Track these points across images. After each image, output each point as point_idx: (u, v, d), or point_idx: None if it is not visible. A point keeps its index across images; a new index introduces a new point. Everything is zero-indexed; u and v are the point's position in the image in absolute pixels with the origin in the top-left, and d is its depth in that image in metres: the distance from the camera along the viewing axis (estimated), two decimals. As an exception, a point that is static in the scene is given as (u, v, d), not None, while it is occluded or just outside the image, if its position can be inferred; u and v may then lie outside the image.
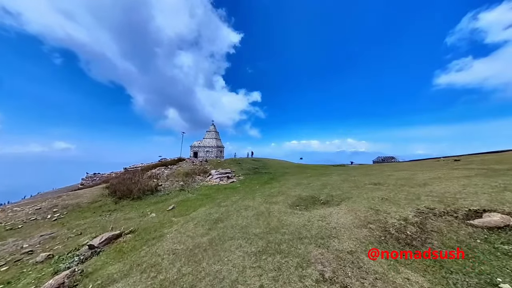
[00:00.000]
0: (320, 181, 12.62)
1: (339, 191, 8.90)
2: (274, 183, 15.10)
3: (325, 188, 10.15)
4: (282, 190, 10.93)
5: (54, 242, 7.07)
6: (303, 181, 13.97)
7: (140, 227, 7.50)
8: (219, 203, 9.74)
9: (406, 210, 5.14)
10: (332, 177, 14.48)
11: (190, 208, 9.81)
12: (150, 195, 13.14)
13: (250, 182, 16.87)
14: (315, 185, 11.51)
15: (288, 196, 9.28)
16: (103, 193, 12.99)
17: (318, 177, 15.71)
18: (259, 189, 12.88)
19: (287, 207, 7.64)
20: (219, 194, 12.54)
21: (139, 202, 12.03)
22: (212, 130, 43.81)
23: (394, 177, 10.37)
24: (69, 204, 11.12)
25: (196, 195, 12.73)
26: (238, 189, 13.89)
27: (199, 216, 7.85)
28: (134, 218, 9.30)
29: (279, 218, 6.22)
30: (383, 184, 9.09)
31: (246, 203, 9.02)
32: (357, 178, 11.95)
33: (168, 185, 15.78)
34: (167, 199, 12.25)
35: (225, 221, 6.75)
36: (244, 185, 15.81)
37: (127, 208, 11.04)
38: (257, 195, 10.75)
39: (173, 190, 14.48)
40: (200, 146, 41.68)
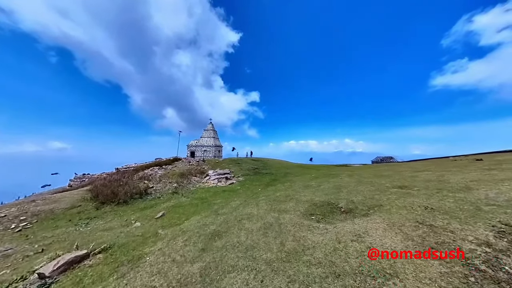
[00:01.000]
0: (331, 183, 11.18)
1: (360, 195, 7.45)
2: (278, 185, 13.63)
3: (340, 191, 8.71)
4: (289, 194, 9.46)
5: (3, 264, 5.51)
6: (311, 182, 12.52)
7: (117, 243, 5.97)
8: (216, 210, 8.24)
9: (476, 227, 3.70)
10: (342, 178, 13.06)
11: (182, 216, 8.29)
12: (139, 199, 11.60)
13: (251, 184, 15.39)
14: (326, 187, 10.06)
15: (298, 202, 7.81)
16: (85, 197, 11.41)
17: (326, 178, 14.27)
18: (262, 192, 11.40)
19: (300, 217, 6.17)
20: (217, 198, 11.04)
21: (124, 207, 10.48)
22: (210, 129, 42.24)
23: (419, 179, 8.95)
24: (41, 210, 9.54)
25: (190, 199, 11.21)
26: (238, 192, 12.40)
27: (191, 227, 6.35)
28: (114, 228, 7.76)
29: (295, 234, 4.74)
30: (411, 187, 7.67)
31: (249, 210, 7.54)
32: (374, 180, 10.52)
33: (160, 187, 14.23)
34: (157, 204, 10.72)
35: (224, 236, 5.26)
36: (244, 187, 14.32)
37: (109, 215, 9.49)
38: (261, 199, 9.27)
39: (165, 193, 12.94)
40: (197, 145, 40.08)
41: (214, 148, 39.95)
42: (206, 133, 41.91)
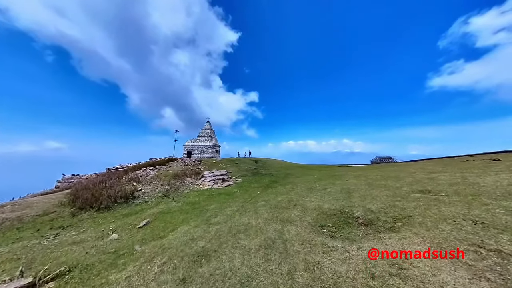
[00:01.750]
0: (337, 186, 10.04)
1: (378, 202, 6.31)
2: (279, 188, 12.47)
3: (351, 196, 7.56)
4: (292, 199, 8.30)
5: None
6: (315, 185, 11.38)
7: (82, 264, 4.75)
8: (208, 219, 7.04)
9: None
10: (348, 180, 11.93)
11: (168, 226, 7.09)
12: (124, 203, 10.36)
13: (250, 186, 14.21)
14: (333, 191, 8.92)
15: (304, 209, 6.65)
16: (63, 202, 10.16)
17: (330, 179, 13.14)
18: (261, 196, 10.24)
19: (309, 230, 5.01)
20: (211, 202, 9.84)
21: (106, 213, 9.24)
22: (207, 128, 40.99)
23: (441, 182, 7.84)
24: (7, 218, 8.27)
25: (181, 204, 10.00)
26: (235, 196, 11.22)
27: (175, 242, 5.15)
28: (86, 240, 6.53)
29: (306, 258, 3.58)
30: (436, 192, 6.54)
31: (246, 219, 6.36)
32: (386, 182, 9.40)
33: (150, 189, 12.98)
34: (143, 210, 9.49)
35: (213, 258, 4.07)
36: (242, 189, 13.14)
37: (86, 223, 8.25)
38: (260, 205, 8.11)
39: (154, 197, 11.70)
40: (194, 145, 38.81)
41: (212, 147, 38.71)
42: (203, 132, 40.66)
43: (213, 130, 42.48)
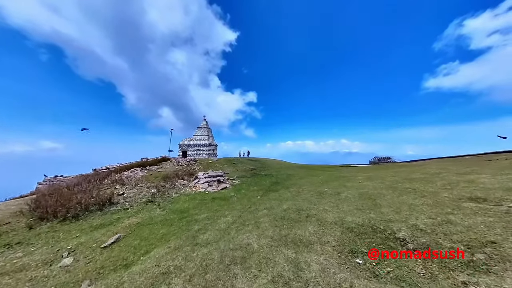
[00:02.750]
0: (352, 190, 8.46)
1: (422, 215, 4.70)
2: (282, 191, 10.85)
3: (377, 205, 5.96)
4: (302, 207, 6.67)
5: None
6: (323, 188, 9.78)
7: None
8: (195, 235, 5.38)
9: None
10: (362, 182, 10.36)
11: (141, 245, 5.40)
12: (98, 211, 8.63)
13: (248, 189, 12.56)
14: (350, 197, 7.32)
15: (322, 224, 5.02)
16: (22, 210, 8.42)
17: (339, 181, 11.56)
18: (263, 201, 8.62)
19: (338, 261, 3.39)
20: (202, 210, 8.17)
21: (71, 225, 7.52)
22: (203, 126, 39.22)
23: (489, 186, 6.26)
24: None
25: (166, 212, 8.30)
26: (231, 201, 9.56)
27: (139, 281, 3.50)
28: (26, 268, 4.83)
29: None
30: (496, 200, 4.97)
31: (245, 238, 4.71)
32: (412, 185, 7.81)
33: (134, 194, 11.25)
34: (119, 220, 7.78)
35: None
36: (240, 193, 11.48)
37: (40, 239, 6.52)
38: (262, 214, 6.47)
39: (137, 202, 9.98)
40: (190, 144, 37.02)
41: (208, 147, 36.96)
42: (199, 131, 38.88)
43: (210, 129, 40.74)
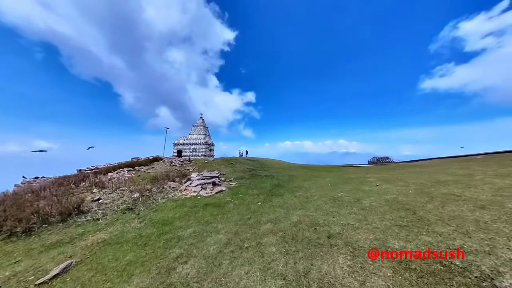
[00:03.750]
0: (374, 195, 6.91)
1: (499, 237, 3.17)
2: (286, 196, 9.25)
3: (421, 220, 4.40)
4: (317, 220, 5.08)
5: None
6: (336, 192, 8.22)
7: None
8: (170, 270, 3.74)
9: None
10: (380, 185, 8.82)
11: (93, 283, 3.75)
12: (60, 223, 6.93)
13: (247, 192, 10.93)
14: (376, 205, 5.76)
15: (358, 252, 3.40)
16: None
17: (352, 185, 10.00)
18: (265, 209, 7.02)
19: None
20: (189, 222, 6.52)
21: (20, 242, 5.82)
22: (200, 124, 37.45)
23: None
24: None
25: (143, 225, 6.63)
26: (226, 209, 7.93)
27: None
28: None
29: None
30: None
31: (243, 280, 3.09)
32: (451, 190, 6.28)
33: (112, 199, 9.55)
34: (82, 236, 6.10)
35: None
36: (237, 197, 9.85)
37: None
38: (266, 230, 4.87)
39: (113, 210, 8.29)
40: (185, 143, 35.22)
41: (204, 146, 35.21)
42: (195, 129, 37.09)
43: (207, 127, 38.98)
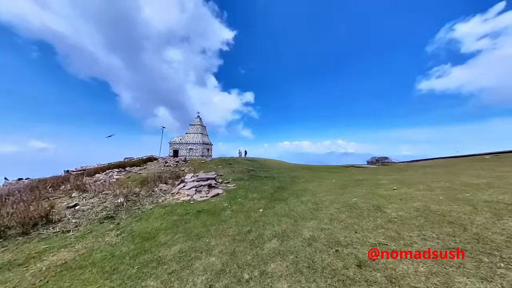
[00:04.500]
0: (397, 201, 5.79)
1: None
2: (291, 200, 8.12)
3: (483, 241, 3.31)
4: (336, 236, 3.92)
5: None
6: (349, 197, 7.09)
7: None
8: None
9: None
10: (398, 189, 7.72)
11: None
12: (20, 236, 5.72)
13: (246, 196, 9.77)
14: (406, 215, 4.64)
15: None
16: None
17: (363, 187, 8.90)
18: (268, 219, 5.87)
19: None
20: (176, 236, 5.34)
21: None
22: (197, 123, 36.22)
23: None
24: None
25: (120, 240, 5.43)
26: (222, 218, 6.76)
27: None
28: None
29: None
30: None
31: None
32: (497, 197, 5.20)
33: (91, 205, 8.33)
34: (41, 255, 4.91)
35: None
36: (235, 202, 8.69)
37: None
38: (271, 251, 3.72)
39: (89, 220, 7.08)
40: (181, 142, 33.97)
41: (202, 146, 33.99)
42: (192, 128, 35.85)
43: (204, 127, 37.76)
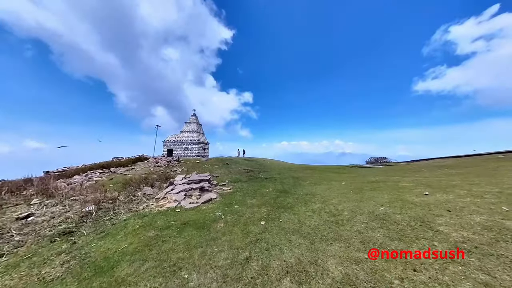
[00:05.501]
0: (444, 213, 4.29)
1: None
2: (299, 209, 6.54)
3: None
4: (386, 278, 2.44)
5: None
6: (372, 204, 5.55)
7: None
8: None
9: None
10: (431, 194, 6.21)
11: None
12: None
13: (245, 202, 8.17)
14: (475, 237, 3.12)
15: None
16: None
17: (382, 191, 7.38)
18: (273, 237, 4.31)
19: None
20: (143, 268, 3.72)
21: None
22: (192, 121, 34.49)
23: None
24: None
25: (62, 274, 3.80)
26: (213, 233, 5.15)
27: None
28: None
29: None
30: None
31: None
32: None
33: (49, 216, 6.65)
34: None
35: None
36: (231, 211, 7.08)
37: None
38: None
39: (38, 237, 5.43)
40: (176, 141, 32.23)
41: (198, 145, 32.29)
42: (187, 126, 34.12)
43: (200, 125, 36.04)
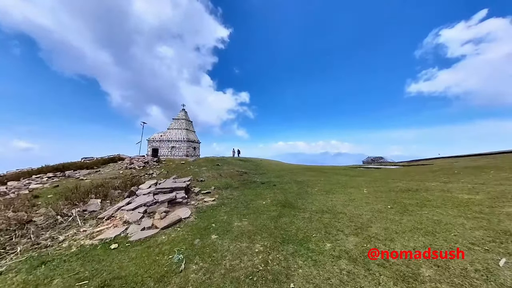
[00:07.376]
0: None
1: None
2: (316, 242, 3.42)
3: None
4: None
5: None
6: (451, 239, 2.55)
7: None
8: None
9: None
10: None
11: None
12: None
13: (230, 226, 5.01)
14: None
15: None
16: None
17: (448, 209, 4.41)
18: None
19: None
20: None
21: None
22: (181, 117, 31.12)
23: None
24: None
25: None
26: None
27: None
28: None
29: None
30: None
31: None
32: None
33: None
34: None
35: None
36: (202, 252, 3.90)
37: None
38: None
39: None
40: (162, 140, 28.83)
41: (187, 143, 28.96)
42: (176, 123, 30.73)
43: (190, 121, 32.69)
